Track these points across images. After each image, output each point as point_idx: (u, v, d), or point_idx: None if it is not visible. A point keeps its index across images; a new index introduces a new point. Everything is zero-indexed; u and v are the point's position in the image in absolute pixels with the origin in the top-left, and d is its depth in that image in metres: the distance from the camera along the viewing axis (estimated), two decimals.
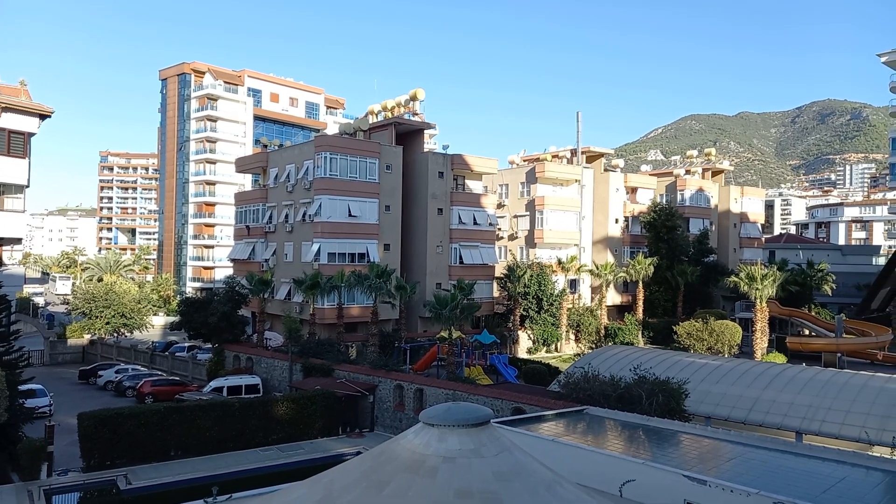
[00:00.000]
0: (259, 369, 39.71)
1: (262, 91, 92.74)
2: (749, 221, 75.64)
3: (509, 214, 61.84)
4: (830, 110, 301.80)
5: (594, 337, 55.20)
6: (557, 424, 19.92)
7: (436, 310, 35.21)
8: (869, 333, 48.81)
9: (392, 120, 52.20)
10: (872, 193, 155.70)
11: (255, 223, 53.71)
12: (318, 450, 27.66)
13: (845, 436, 22.54)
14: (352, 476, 10.68)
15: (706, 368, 29.19)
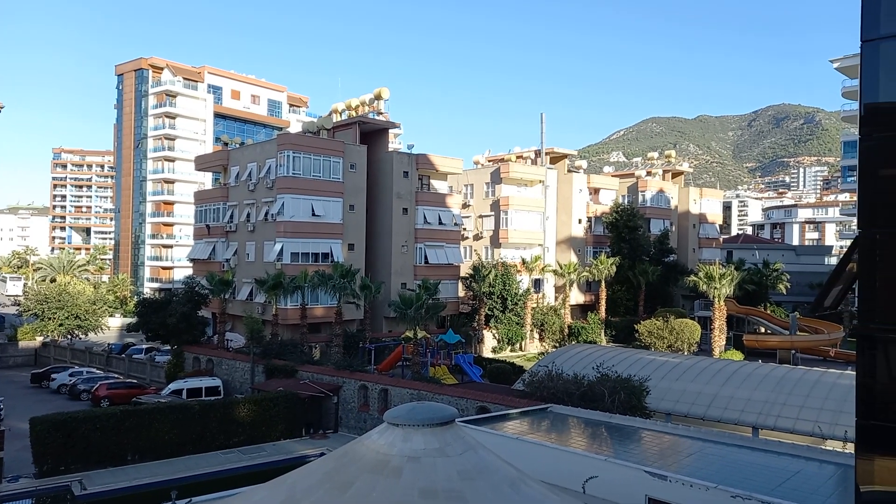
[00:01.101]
0: (220, 371, 39.00)
1: (222, 88, 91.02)
2: (707, 222, 77.36)
3: (474, 214, 62.01)
4: (785, 114, 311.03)
5: (558, 336, 55.72)
6: (522, 423, 20.00)
7: (401, 310, 35.05)
8: (822, 331, 50.38)
9: (356, 119, 51.81)
10: (825, 195, 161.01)
11: (215, 222, 52.69)
12: (281, 452, 27.34)
13: (799, 430, 23.16)
14: (315, 477, 10.52)
15: (666, 366, 29.71)
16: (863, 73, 8.61)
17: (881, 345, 8.30)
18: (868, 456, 8.29)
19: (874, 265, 8.55)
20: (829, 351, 48.31)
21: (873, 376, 8.41)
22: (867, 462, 8.28)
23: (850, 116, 74.70)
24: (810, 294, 69.49)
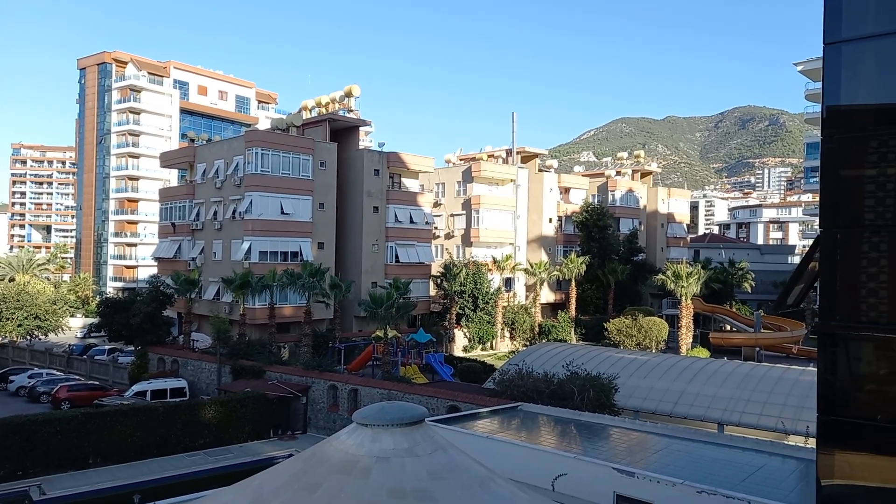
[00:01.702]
0: (186, 372, 38.37)
1: (189, 83, 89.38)
2: (675, 221, 78.60)
3: (446, 213, 61.98)
4: (751, 116, 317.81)
5: (528, 334, 56.03)
6: (492, 421, 20.01)
7: (371, 309, 34.84)
8: (785, 328, 51.59)
9: (326, 116, 51.37)
10: (788, 196, 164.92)
11: (181, 220, 51.74)
12: (248, 453, 26.96)
13: (763, 426, 23.63)
14: (282, 479, 10.38)
15: (635, 363, 30.06)
16: (825, 75, 8.75)
17: (841, 342, 8.45)
18: (829, 451, 8.43)
19: (835, 264, 8.70)
20: (791, 348, 49.48)
21: (834, 373, 8.55)
22: (828, 456, 8.42)
23: (812, 118, 76.65)
24: (774, 292, 71.09)
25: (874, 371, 8.34)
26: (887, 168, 8.29)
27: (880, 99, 8.61)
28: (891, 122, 8.39)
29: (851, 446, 8.25)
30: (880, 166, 8.31)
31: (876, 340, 8.21)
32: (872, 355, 8.30)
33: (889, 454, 8.00)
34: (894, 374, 8.11)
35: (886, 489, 8.13)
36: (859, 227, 8.31)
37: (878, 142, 8.32)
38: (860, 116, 8.63)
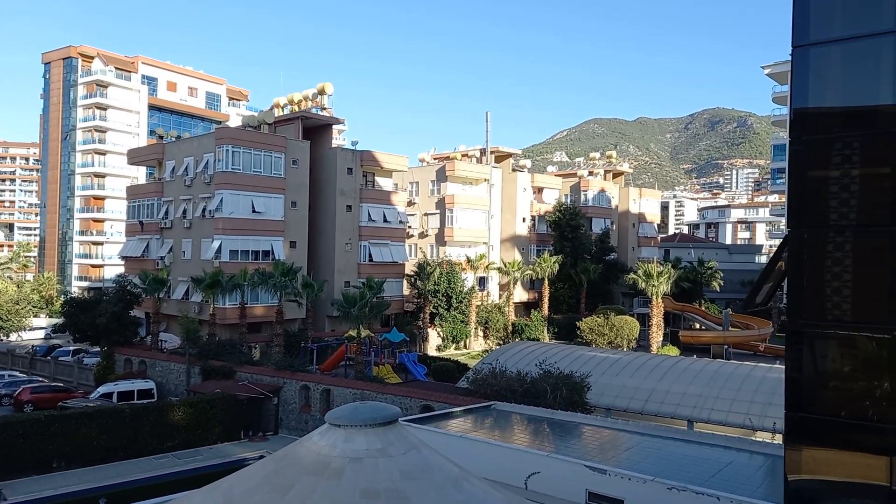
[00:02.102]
0: (154, 373, 37.70)
1: (157, 79, 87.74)
2: (646, 221, 79.61)
3: (420, 212, 61.86)
4: (719, 118, 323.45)
5: (502, 333, 56.24)
6: (465, 420, 20.01)
7: (344, 308, 34.61)
8: (752, 326, 52.59)
9: (299, 114, 50.83)
10: (756, 196, 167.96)
11: (149, 218, 50.80)
12: (218, 455, 26.62)
13: (731, 423, 24.05)
14: (253, 481, 10.23)
15: (607, 362, 30.35)
16: (793, 78, 8.90)
17: (808, 340, 8.60)
18: (796, 446, 8.58)
19: (802, 263, 8.86)
20: (758, 346, 50.43)
21: (801, 370, 8.71)
22: (795, 452, 8.58)
23: (779, 121, 78.28)
24: (742, 291, 72.45)
25: (839, 368, 8.51)
26: (851, 169, 8.47)
27: (845, 101, 8.80)
28: (854, 125, 8.58)
29: (818, 442, 8.42)
30: (844, 168, 8.49)
31: (840, 338, 8.38)
32: (837, 353, 8.48)
33: (853, 449, 8.19)
34: (858, 370, 8.30)
35: (850, 483, 8.32)
36: (825, 228, 8.48)
37: (843, 143, 8.50)
38: (826, 119, 8.80)
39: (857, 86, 8.64)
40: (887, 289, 8.09)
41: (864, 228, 8.27)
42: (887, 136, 8.12)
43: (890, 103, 8.08)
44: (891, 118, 8.13)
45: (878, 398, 8.00)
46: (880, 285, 8.18)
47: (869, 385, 8.16)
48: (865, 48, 8.26)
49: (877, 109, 8.36)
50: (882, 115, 8.27)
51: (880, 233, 8.13)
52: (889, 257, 8.11)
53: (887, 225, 8.04)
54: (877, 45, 8.10)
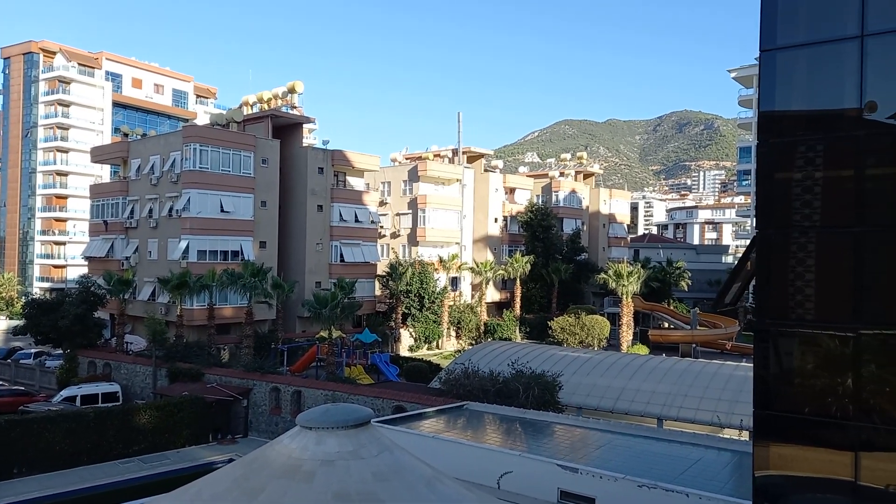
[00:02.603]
0: (119, 376, 36.95)
1: (122, 76, 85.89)
2: (616, 222, 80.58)
3: (391, 212, 61.67)
4: (687, 120, 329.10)
5: (474, 333, 56.37)
6: (438, 421, 19.99)
7: (315, 309, 34.31)
8: (719, 325, 53.63)
9: (269, 112, 50.26)
10: (722, 198, 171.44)
11: (114, 218, 49.72)
12: (186, 459, 26.20)
13: (700, 420, 24.47)
14: (222, 485, 10.08)
15: (578, 361, 30.63)
16: (761, 81, 9.05)
17: (775, 339, 8.76)
18: (764, 443, 8.73)
19: (769, 264, 9.02)
20: (725, 344, 51.45)
21: (768, 368, 8.86)
22: (763, 448, 8.72)
23: (745, 123, 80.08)
24: (709, 291, 73.82)
25: (805, 367, 8.69)
26: (815, 172, 8.66)
27: (810, 105, 8.99)
28: (819, 128, 8.77)
29: (784, 439, 8.58)
30: (807, 170, 8.67)
31: (806, 337, 8.56)
32: (803, 351, 8.66)
33: (819, 445, 8.36)
34: (823, 369, 8.48)
35: (816, 478, 8.50)
36: (790, 229, 8.65)
37: (808, 146, 8.68)
38: (792, 122, 8.98)
39: (822, 90, 8.82)
40: (851, 288, 8.28)
41: (829, 230, 8.46)
42: (850, 139, 8.31)
43: (853, 107, 8.27)
44: (854, 122, 8.31)
45: (842, 395, 8.18)
46: (844, 285, 8.38)
47: (833, 383, 8.34)
48: (830, 53, 8.44)
49: (840, 113, 8.55)
50: (845, 119, 8.46)
51: (844, 234, 8.32)
52: (852, 258, 8.30)
53: (850, 226, 8.23)
54: (840, 50, 8.28)
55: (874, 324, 8.01)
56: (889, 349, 8.03)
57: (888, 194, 8.29)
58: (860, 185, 8.20)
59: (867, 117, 8.10)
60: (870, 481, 7.89)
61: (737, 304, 59.46)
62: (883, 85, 8.08)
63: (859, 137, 8.19)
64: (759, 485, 8.71)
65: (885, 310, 8.07)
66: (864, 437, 7.90)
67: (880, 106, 8.13)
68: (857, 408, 7.97)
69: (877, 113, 8.12)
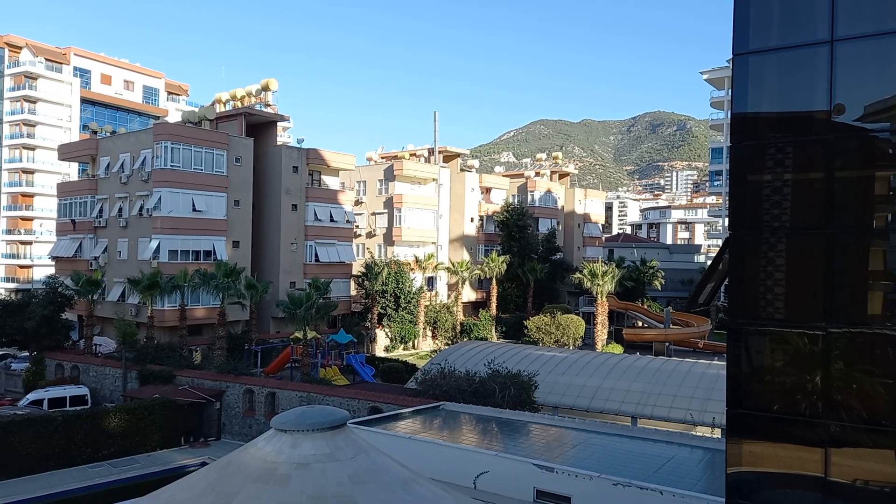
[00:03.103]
0: (87, 378, 36.21)
1: (91, 72, 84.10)
2: (591, 222, 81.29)
3: (367, 212, 61.40)
4: (660, 121, 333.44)
5: (450, 333, 56.38)
6: (414, 421, 19.95)
7: (290, 310, 33.99)
8: (692, 324, 54.43)
9: (242, 110, 49.64)
10: (695, 198, 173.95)
11: (82, 217, 48.70)
12: (157, 463, 25.84)
13: (673, 418, 24.78)
14: (196, 489, 9.94)
15: (554, 360, 30.81)
16: (734, 84, 9.17)
17: (748, 338, 8.89)
18: (736, 441, 8.85)
19: (742, 264, 9.15)
20: (698, 343, 52.23)
21: (740, 367, 8.99)
22: (736, 446, 8.85)
23: (717, 125, 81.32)
24: (682, 290, 74.87)
25: (774, 364, 8.84)
26: (786, 174, 8.81)
27: (782, 108, 9.15)
28: (790, 131, 8.93)
29: (756, 436, 8.71)
30: (778, 172, 8.83)
31: (777, 336, 8.71)
32: (772, 349, 8.81)
33: (789, 442, 8.52)
34: (791, 366, 8.64)
35: (787, 475, 8.65)
36: (763, 230, 8.79)
37: (779, 149, 8.83)
38: (764, 125, 9.13)
39: (793, 93, 8.98)
40: (821, 288, 8.43)
41: (799, 231, 8.60)
42: (820, 142, 8.47)
43: (823, 110, 8.42)
44: (823, 124, 8.47)
45: (812, 393, 8.33)
46: (814, 285, 8.53)
47: (803, 380, 8.49)
48: (801, 57, 8.59)
49: (811, 116, 8.70)
50: (815, 122, 8.61)
51: (814, 235, 8.47)
52: (822, 258, 8.46)
53: (820, 228, 8.38)
54: (811, 54, 8.43)
55: (842, 322, 8.18)
56: (857, 347, 8.20)
57: (856, 196, 8.48)
58: (829, 187, 8.36)
59: (836, 120, 8.27)
60: (839, 477, 8.06)
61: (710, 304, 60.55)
62: (851, 88, 8.25)
63: (829, 140, 8.36)
64: (731, 481, 8.84)
65: (853, 309, 8.25)
66: (833, 433, 8.07)
67: (848, 109, 8.31)
68: (827, 405, 8.13)
69: (845, 115, 8.30)
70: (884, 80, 8.26)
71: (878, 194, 8.47)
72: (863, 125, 8.31)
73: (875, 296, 8.26)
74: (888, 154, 8.35)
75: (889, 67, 8.13)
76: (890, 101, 8.07)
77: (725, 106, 74.15)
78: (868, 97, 8.30)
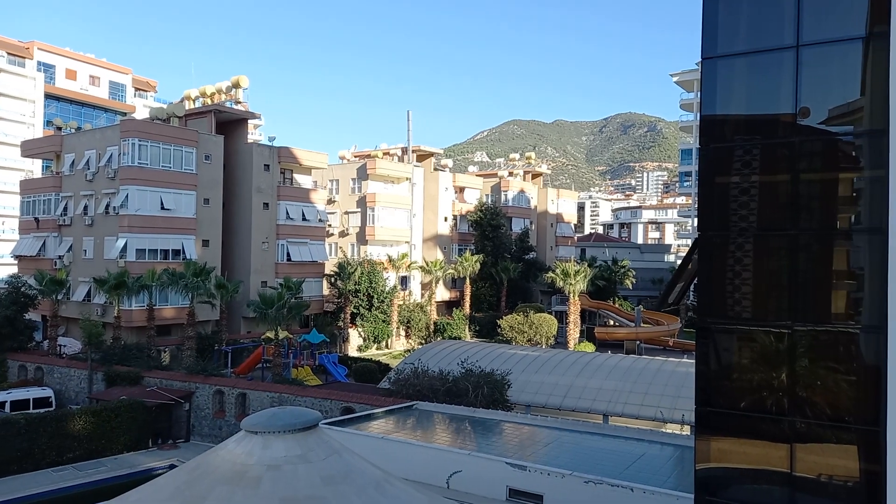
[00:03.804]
0: (52, 380, 35.33)
1: (55, 66, 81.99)
2: (564, 221, 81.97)
3: (340, 211, 61.01)
4: (631, 122, 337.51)
5: (424, 332, 56.31)
6: (387, 421, 19.88)
7: (261, 309, 33.61)
8: (662, 323, 55.20)
9: (212, 107, 48.90)
10: (665, 198, 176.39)
11: (46, 215, 47.51)
12: (124, 466, 25.37)
13: (644, 416, 25.10)
14: (164, 492, 9.79)
15: (527, 359, 30.98)
16: (702, 87, 9.32)
17: (716, 336, 9.04)
18: (705, 438, 9.01)
19: (710, 264, 9.31)
20: (668, 341, 53.01)
21: (709, 365, 9.13)
22: (704, 442, 8.99)
23: (686, 126, 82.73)
24: (653, 289, 75.88)
25: (741, 362, 9.02)
26: (753, 176, 9.00)
27: (749, 111, 9.33)
28: (757, 134, 9.12)
29: (724, 433, 8.88)
30: (745, 174, 9.00)
31: (744, 334, 8.89)
32: (740, 347, 8.99)
33: (756, 438, 8.69)
34: (758, 364, 8.82)
35: (755, 470, 8.83)
36: (731, 231, 8.96)
37: (746, 151, 9.01)
38: (732, 128, 9.30)
39: (760, 97, 9.16)
40: (787, 287, 8.61)
41: (766, 232, 8.78)
42: (786, 145, 8.65)
43: (788, 113, 8.61)
44: (789, 127, 8.65)
45: (778, 390, 8.51)
46: (780, 284, 8.71)
47: (769, 378, 8.67)
48: (767, 62, 8.77)
49: (777, 119, 8.88)
50: (781, 125, 8.80)
51: (779, 236, 8.65)
52: (788, 258, 8.64)
53: (785, 229, 8.56)
54: (777, 59, 8.61)
55: (806, 321, 8.38)
56: (820, 345, 8.41)
57: (819, 198, 8.69)
58: (794, 188, 8.55)
59: (801, 123, 8.46)
60: (804, 472, 8.25)
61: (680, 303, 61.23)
62: (816, 92, 8.45)
63: (794, 143, 8.55)
64: (700, 478, 8.98)
65: (817, 307, 8.46)
66: (798, 429, 8.26)
67: (813, 112, 8.51)
68: (792, 402, 8.31)
69: (810, 119, 8.50)
70: (847, 85, 8.48)
71: (841, 196, 8.70)
72: (827, 128, 8.51)
73: (838, 295, 8.47)
74: (851, 156, 8.57)
75: (852, 72, 8.35)
76: (853, 105, 8.29)
77: (695, 108, 75.36)
78: (832, 101, 8.51)
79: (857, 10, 8.18)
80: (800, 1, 8.32)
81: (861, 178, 8.45)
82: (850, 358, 8.18)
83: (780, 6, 8.57)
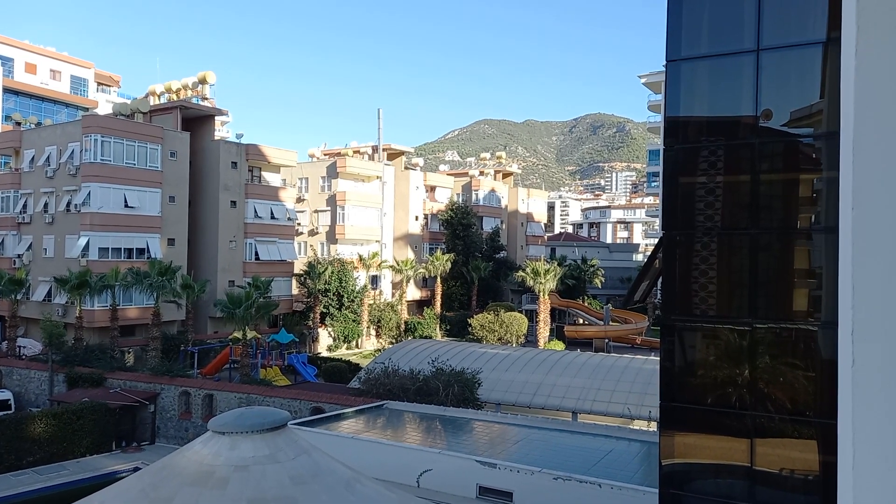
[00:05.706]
0: (10, 382, 34.41)
1: (14, 60, 79.65)
2: (534, 221, 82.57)
3: (309, 209, 60.49)
4: (601, 123, 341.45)
5: (395, 332, 56.20)
6: (357, 421, 19.82)
7: (228, 309, 33.17)
8: (630, 321, 56.03)
9: (178, 103, 48.08)
10: (633, 198, 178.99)
11: (3, 213, 46.25)
12: (87, 469, 24.82)
13: (612, 412, 25.47)
14: (129, 495, 9.63)
15: (497, 358, 31.15)
16: (667, 89, 9.50)
17: (681, 333, 9.23)
18: (669, 433, 9.18)
19: (674, 263, 9.49)
20: (636, 339, 53.81)
21: (673, 362, 9.32)
22: (669, 438, 9.17)
23: (654, 127, 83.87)
24: (621, 287, 76.92)
25: (705, 358, 9.22)
26: (716, 176, 9.20)
27: (711, 112, 9.55)
28: (719, 135, 9.33)
29: (689, 428, 9.06)
30: (709, 174, 9.21)
31: (707, 331, 9.09)
32: (703, 344, 9.20)
33: (718, 434, 8.90)
34: (721, 360, 9.03)
35: (717, 465, 9.04)
36: (694, 230, 9.16)
37: (709, 152, 9.21)
38: (695, 129, 9.51)
39: (722, 99, 9.38)
40: (748, 285, 8.83)
41: (728, 231, 8.98)
42: (747, 146, 8.87)
43: (749, 115, 8.82)
44: (750, 129, 8.87)
45: (740, 385, 8.72)
46: (742, 282, 8.93)
47: (732, 374, 8.88)
48: (729, 65, 8.98)
49: (738, 120, 9.10)
50: (743, 126, 9.01)
51: (741, 235, 8.86)
52: (749, 257, 8.86)
53: (747, 228, 8.78)
54: (739, 62, 8.82)
55: (767, 318, 8.61)
56: (780, 342, 8.65)
57: (779, 198, 8.93)
58: (755, 189, 8.78)
59: (763, 125, 8.68)
60: (764, 466, 8.47)
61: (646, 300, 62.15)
62: (776, 95, 8.68)
63: (755, 144, 8.77)
64: (665, 472, 9.16)
65: (776, 305, 8.70)
66: (758, 424, 8.48)
67: (775, 115, 8.74)
68: (753, 397, 8.53)
69: (771, 121, 8.73)
70: (806, 88, 8.73)
71: (801, 196, 8.95)
72: (788, 130, 8.76)
73: (798, 293, 8.72)
74: (811, 158, 8.83)
75: (811, 76, 8.60)
76: (814, 108, 8.53)
77: (662, 110, 76.55)
78: (792, 104, 8.75)
79: (816, 15, 8.42)
80: (760, 5, 8.54)
81: (820, 178, 8.70)
82: (810, 354, 8.42)
83: (741, 10, 8.79)
